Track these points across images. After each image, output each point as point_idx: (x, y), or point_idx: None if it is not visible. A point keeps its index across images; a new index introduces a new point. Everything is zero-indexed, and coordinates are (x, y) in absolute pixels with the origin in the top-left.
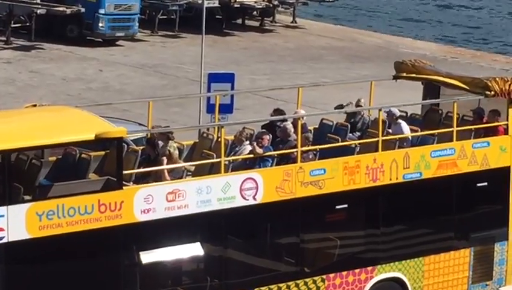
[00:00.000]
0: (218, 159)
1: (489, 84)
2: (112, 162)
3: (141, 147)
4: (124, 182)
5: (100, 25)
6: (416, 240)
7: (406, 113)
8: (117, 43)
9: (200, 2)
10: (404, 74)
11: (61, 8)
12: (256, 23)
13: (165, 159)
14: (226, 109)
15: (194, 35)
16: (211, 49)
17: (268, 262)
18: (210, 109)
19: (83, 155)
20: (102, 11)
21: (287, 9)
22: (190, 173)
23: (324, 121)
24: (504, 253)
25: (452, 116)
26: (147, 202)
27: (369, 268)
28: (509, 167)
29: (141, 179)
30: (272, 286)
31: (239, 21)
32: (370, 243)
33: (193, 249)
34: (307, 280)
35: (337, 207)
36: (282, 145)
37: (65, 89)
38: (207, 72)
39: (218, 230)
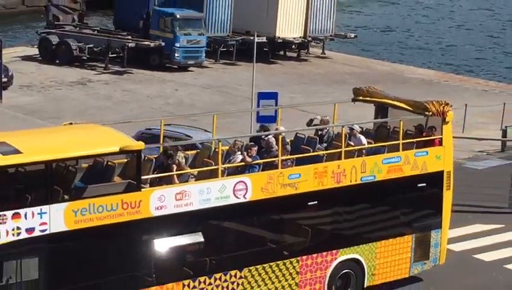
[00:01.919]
0: (216, 167)
1: (428, 106)
2: (132, 169)
3: (155, 156)
4: (142, 185)
5: (176, 55)
6: (371, 229)
7: (362, 128)
8: (189, 69)
9: (252, 38)
10: (361, 98)
11: (146, 42)
12: (294, 54)
13: (174, 167)
14: (271, 119)
15: (247, 63)
16: (259, 74)
17: (255, 247)
18: (259, 119)
19: (109, 163)
20: (177, 44)
21: (318, 43)
22: (194, 177)
23: (298, 134)
24: (438, 238)
25: (398, 131)
26: (160, 200)
27: (334, 251)
28: (442, 171)
29: (156, 182)
30: (257, 266)
31: (281, 52)
32: (334, 232)
33: (196, 237)
34: (285, 261)
35: (309, 203)
36: (266, 154)
37: (149, 104)
38: (257, 92)
39: (216, 222)
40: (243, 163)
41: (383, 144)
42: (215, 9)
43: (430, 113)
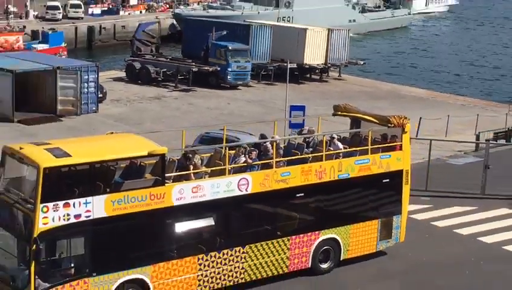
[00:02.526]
0: (224, 167)
1: (391, 119)
2: (158, 168)
3: (177, 158)
4: (166, 181)
5: (228, 77)
6: (345, 215)
7: (340, 136)
8: (238, 87)
9: (285, 64)
10: (339, 112)
11: (206, 68)
12: (317, 77)
13: (191, 167)
14: (300, 126)
15: (281, 83)
16: (291, 91)
17: (254, 229)
18: (291, 126)
19: (142, 163)
20: (229, 69)
21: (335, 68)
22: (208, 174)
23: (290, 141)
24: (399, 222)
25: (368, 138)
26: (180, 193)
27: (316, 232)
28: (402, 170)
29: (177, 178)
30: (257, 244)
31: (308, 75)
32: (317, 217)
33: (208, 221)
34: (278, 239)
35: (297, 195)
36: (264, 157)
37: (208, 114)
38: (289, 105)
39: (224, 210)
40: (245, 164)
41: (355, 149)
42: (258, 43)
43: (392, 125)
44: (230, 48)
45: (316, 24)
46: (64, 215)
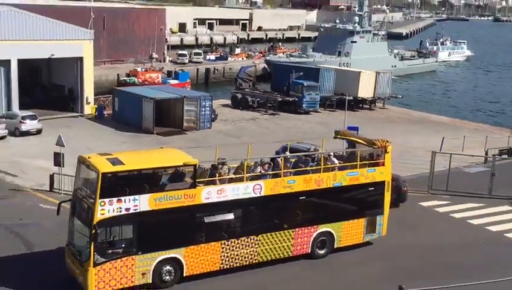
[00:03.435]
0: (242, 175)
1: (376, 142)
2: (192, 175)
3: (209, 167)
4: (197, 184)
5: (303, 105)
6: (338, 213)
7: (337, 154)
8: (310, 113)
9: (344, 97)
10: (339, 136)
11: (288, 98)
12: (368, 106)
13: (217, 174)
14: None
15: (341, 110)
16: (348, 117)
17: (266, 222)
18: (347, 142)
19: (183, 170)
20: (304, 100)
21: (381, 100)
22: (232, 180)
23: (299, 156)
24: (381, 220)
25: (359, 156)
26: (208, 194)
27: (315, 226)
28: (384, 181)
29: (207, 183)
30: (268, 233)
31: (360, 105)
32: (316, 214)
33: (229, 216)
34: (285, 231)
35: (300, 197)
36: (276, 168)
37: (288, 131)
38: (347, 126)
39: (242, 207)
40: (259, 173)
41: (347, 164)
42: (325, 81)
43: (377, 146)
44: (305, 84)
45: (367, 68)
46: (117, 208)
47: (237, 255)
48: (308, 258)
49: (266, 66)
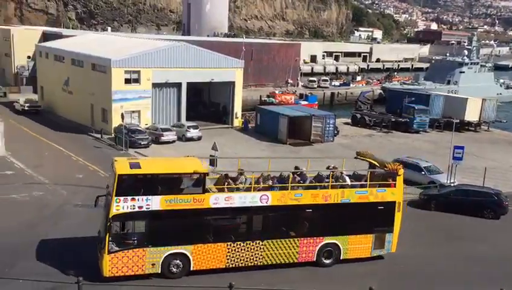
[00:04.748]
0: (251, 185)
1: (387, 165)
2: (203, 182)
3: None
4: (206, 191)
5: (414, 126)
6: (345, 227)
7: (352, 173)
8: (420, 132)
9: (452, 120)
10: (359, 157)
11: (400, 119)
12: (473, 128)
13: (226, 183)
14: (460, 159)
15: (448, 132)
16: (455, 137)
17: (272, 230)
18: (454, 159)
19: (200, 177)
20: (415, 121)
21: (486, 124)
22: (242, 189)
23: (319, 173)
24: (391, 238)
25: (378, 175)
26: (216, 199)
27: (321, 237)
28: (395, 201)
29: (219, 189)
30: (274, 240)
31: (466, 127)
32: (322, 226)
33: (236, 220)
34: (291, 239)
35: (306, 210)
36: (286, 182)
37: (400, 147)
38: (453, 145)
39: (248, 214)
40: (267, 185)
41: (358, 183)
42: (434, 105)
43: (389, 169)
44: (416, 108)
45: (474, 95)
46: (131, 206)
47: (242, 256)
48: (313, 266)
49: (382, 91)
